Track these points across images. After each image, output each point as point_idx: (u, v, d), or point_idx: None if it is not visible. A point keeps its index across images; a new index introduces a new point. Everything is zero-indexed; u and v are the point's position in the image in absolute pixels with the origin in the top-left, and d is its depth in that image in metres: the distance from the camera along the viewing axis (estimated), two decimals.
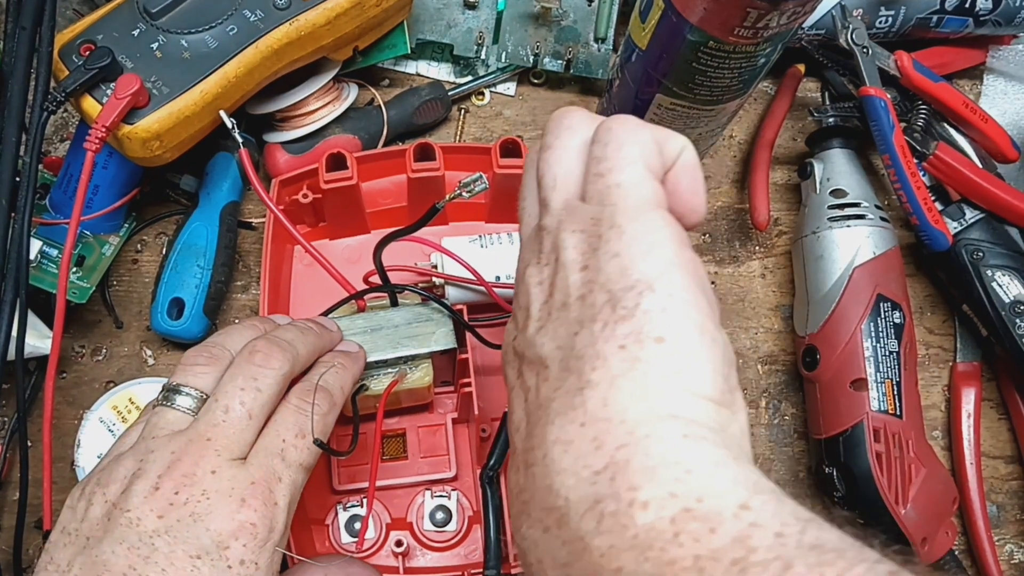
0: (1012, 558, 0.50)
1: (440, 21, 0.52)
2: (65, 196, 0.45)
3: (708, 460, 0.21)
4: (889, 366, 0.46)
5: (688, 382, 0.22)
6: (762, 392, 0.51)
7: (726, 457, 0.21)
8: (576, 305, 0.24)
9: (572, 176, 0.26)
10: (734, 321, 0.52)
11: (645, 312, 0.23)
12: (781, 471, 0.50)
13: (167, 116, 0.40)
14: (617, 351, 0.22)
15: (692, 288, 0.24)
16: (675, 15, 0.39)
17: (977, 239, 0.48)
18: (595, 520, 0.21)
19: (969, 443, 0.50)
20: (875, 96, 0.48)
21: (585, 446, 0.22)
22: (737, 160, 0.55)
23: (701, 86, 0.43)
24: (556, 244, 0.25)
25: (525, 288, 0.26)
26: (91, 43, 0.40)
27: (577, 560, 0.21)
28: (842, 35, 0.49)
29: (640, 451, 0.21)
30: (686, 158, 0.26)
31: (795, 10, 0.37)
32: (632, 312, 0.23)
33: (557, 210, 0.26)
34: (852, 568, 0.18)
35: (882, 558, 0.19)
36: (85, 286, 0.45)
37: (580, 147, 0.27)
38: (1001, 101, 0.57)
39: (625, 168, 0.25)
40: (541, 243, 0.26)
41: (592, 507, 0.21)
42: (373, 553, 0.44)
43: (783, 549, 0.19)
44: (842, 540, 0.19)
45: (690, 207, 0.27)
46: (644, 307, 0.23)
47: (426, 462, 0.45)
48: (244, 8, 0.41)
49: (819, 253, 0.49)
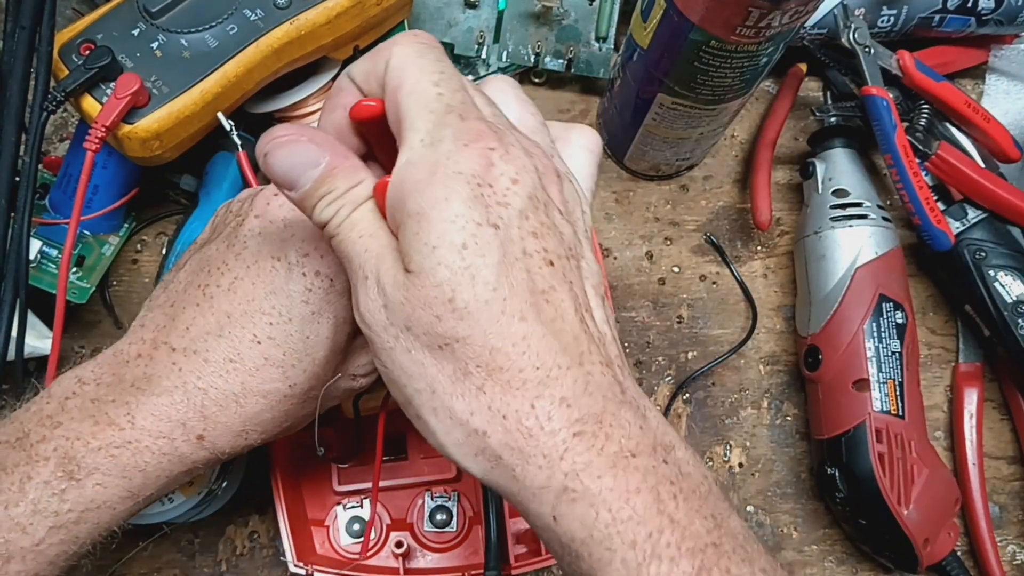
0: (1014, 559, 0.50)
1: (440, 20, 0.52)
2: (65, 196, 0.44)
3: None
4: (891, 366, 0.46)
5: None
6: (764, 392, 0.51)
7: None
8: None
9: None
10: (736, 321, 0.52)
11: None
12: (783, 472, 0.50)
13: (167, 116, 0.40)
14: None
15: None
16: (677, 15, 0.39)
17: (979, 239, 0.48)
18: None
19: (971, 444, 0.50)
20: (877, 96, 0.48)
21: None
22: (739, 160, 0.55)
23: (703, 86, 0.42)
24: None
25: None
26: (91, 42, 0.40)
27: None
28: (844, 34, 0.49)
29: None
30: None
31: (797, 9, 0.37)
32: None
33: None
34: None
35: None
36: (85, 286, 0.45)
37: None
38: (1003, 101, 0.56)
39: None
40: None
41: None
42: (374, 554, 0.44)
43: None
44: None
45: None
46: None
47: (426, 463, 0.45)
48: (244, 7, 0.41)
49: (821, 253, 0.49)
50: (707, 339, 0.52)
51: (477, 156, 0.24)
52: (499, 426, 0.23)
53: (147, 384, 0.30)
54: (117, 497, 0.29)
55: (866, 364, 0.46)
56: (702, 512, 0.23)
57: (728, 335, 0.52)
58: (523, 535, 0.43)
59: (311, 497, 0.44)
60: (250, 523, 0.46)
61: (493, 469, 0.24)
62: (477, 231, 0.23)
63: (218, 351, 0.30)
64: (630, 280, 0.52)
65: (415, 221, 0.24)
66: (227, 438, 0.30)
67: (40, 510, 0.27)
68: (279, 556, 0.43)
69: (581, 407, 0.23)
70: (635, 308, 0.52)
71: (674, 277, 0.52)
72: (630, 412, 0.24)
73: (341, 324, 0.31)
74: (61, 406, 0.29)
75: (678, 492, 0.23)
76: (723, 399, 0.51)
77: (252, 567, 0.45)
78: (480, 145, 0.24)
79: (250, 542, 0.46)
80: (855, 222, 0.48)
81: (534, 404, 0.23)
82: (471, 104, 0.25)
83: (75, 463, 0.28)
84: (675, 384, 0.51)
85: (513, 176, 0.24)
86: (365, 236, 0.25)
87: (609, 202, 0.53)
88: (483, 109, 0.26)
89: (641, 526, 0.22)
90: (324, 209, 0.26)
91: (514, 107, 0.29)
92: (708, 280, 0.53)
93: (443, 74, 0.26)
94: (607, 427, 0.23)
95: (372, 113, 0.27)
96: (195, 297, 0.31)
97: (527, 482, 0.23)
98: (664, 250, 0.53)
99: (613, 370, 0.24)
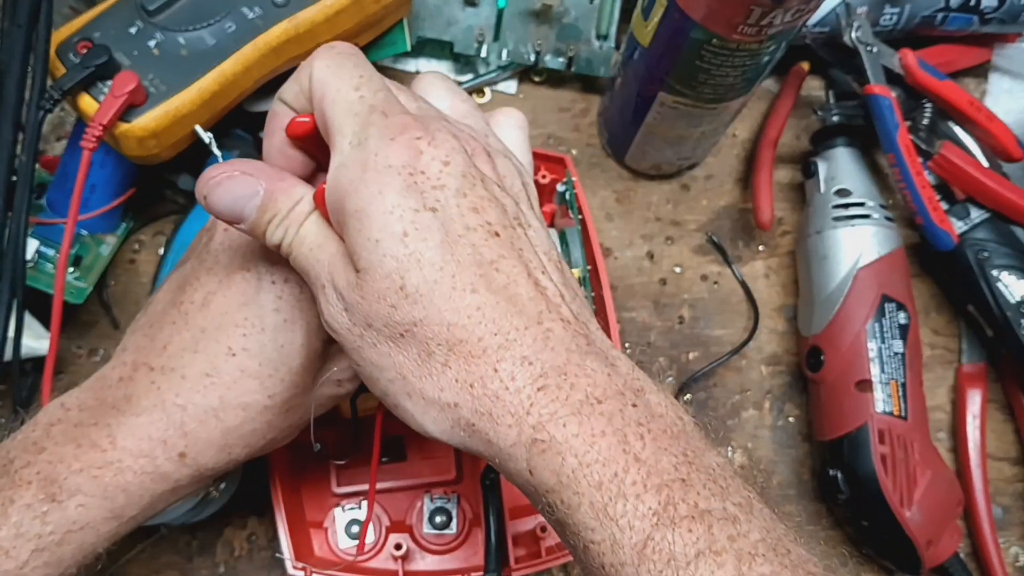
0: (1018, 560, 0.50)
1: (440, 18, 0.51)
2: (62, 195, 0.44)
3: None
4: (894, 367, 0.46)
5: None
6: (765, 393, 0.51)
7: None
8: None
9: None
10: (737, 321, 0.52)
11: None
12: (785, 473, 0.50)
13: (164, 114, 0.39)
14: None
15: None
16: (678, 13, 0.39)
17: (983, 239, 0.48)
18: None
19: (975, 445, 0.50)
20: (880, 94, 0.48)
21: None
22: (740, 159, 0.55)
23: (704, 84, 0.42)
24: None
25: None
26: (88, 41, 0.39)
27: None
28: (846, 33, 0.49)
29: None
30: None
31: (799, 8, 0.37)
32: None
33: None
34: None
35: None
36: (82, 286, 0.45)
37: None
38: (1006, 99, 0.56)
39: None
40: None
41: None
42: (372, 556, 0.43)
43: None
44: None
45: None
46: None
47: (426, 464, 0.45)
48: (242, 6, 0.41)
49: (823, 253, 0.48)
50: (708, 339, 0.51)
51: (404, 147, 0.25)
52: (467, 395, 0.24)
53: (127, 405, 0.30)
54: (100, 518, 0.29)
55: (868, 365, 0.46)
56: (672, 450, 0.23)
57: (730, 335, 0.51)
58: (523, 537, 0.43)
59: (310, 499, 0.44)
60: (248, 525, 0.46)
61: (471, 437, 0.24)
62: (415, 217, 0.24)
63: (194, 366, 0.30)
64: (631, 280, 0.52)
65: (356, 220, 0.24)
66: (210, 453, 0.31)
67: (23, 533, 0.27)
68: (277, 556, 0.42)
69: (543, 362, 0.23)
70: (636, 308, 0.51)
71: (675, 277, 0.52)
72: (596, 361, 0.24)
73: (315, 330, 0.31)
74: (46, 432, 0.29)
75: (646, 433, 0.23)
76: (725, 400, 0.51)
77: (250, 569, 0.45)
78: (406, 136, 0.25)
79: (248, 544, 0.45)
80: (857, 222, 0.48)
81: (496, 368, 0.23)
82: (394, 101, 0.26)
83: (57, 485, 0.28)
84: (676, 385, 0.50)
85: (443, 159, 0.25)
86: (315, 248, 0.27)
87: (610, 202, 0.53)
88: (408, 104, 0.27)
89: (606, 467, 0.22)
90: (274, 232, 0.27)
91: (444, 97, 0.30)
92: (709, 280, 0.52)
93: (362, 78, 0.27)
94: (572, 377, 0.23)
95: (306, 129, 0.28)
96: (172, 316, 0.32)
97: (501, 443, 0.23)
98: (665, 250, 0.53)
99: (578, 325, 0.25)
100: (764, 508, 0.23)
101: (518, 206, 0.27)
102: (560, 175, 0.47)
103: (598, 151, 0.54)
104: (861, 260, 0.47)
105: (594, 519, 0.22)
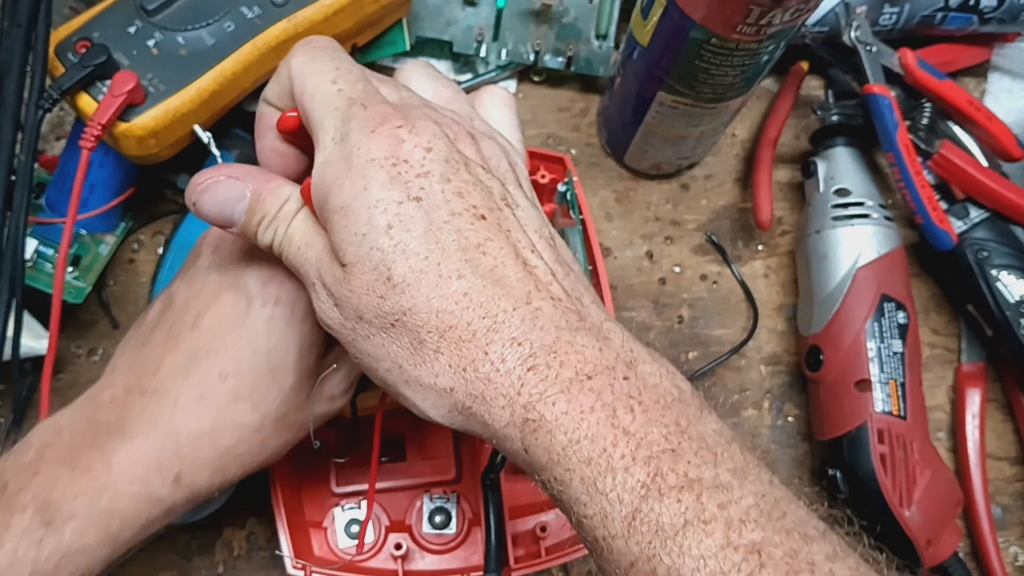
0: (1017, 560, 0.50)
1: (439, 18, 0.51)
2: (61, 195, 0.44)
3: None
4: (893, 367, 0.46)
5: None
6: (765, 393, 0.51)
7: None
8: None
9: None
10: (737, 321, 0.52)
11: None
12: (784, 473, 0.50)
13: (163, 114, 0.39)
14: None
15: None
16: (677, 12, 0.39)
17: (982, 238, 0.48)
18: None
19: (974, 444, 0.50)
20: (879, 94, 0.48)
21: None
22: (740, 159, 0.55)
23: (704, 84, 0.42)
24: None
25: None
26: (87, 40, 0.39)
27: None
28: (846, 32, 0.49)
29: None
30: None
31: (798, 7, 0.36)
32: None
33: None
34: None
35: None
36: (81, 286, 0.45)
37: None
38: (1006, 99, 0.56)
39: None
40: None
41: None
42: (372, 556, 0.43)
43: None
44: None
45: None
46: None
47: (426, 464, 0.45)
48: (241, 5, 0.41)
49: (823, 253, 0.48)
50: (708, 339, 0.51)
51: (385, 138, 0.25)
52: (461, 380, 0.24)
53: (120, 429, 0.30)
54: (96, 543, 0.29)
55: (868, 364, 0.46)
56: (663, 420, 0.23)
57: (729, 335, 0.51)
58: (523, 537, 0.43)
59: (309, 499, 0.44)
60: (248, 524, 0.46)
61: (468, 420, 0.25)
62: (399, 209, 0.24)
63: (187, 391, 0.30)
64: (630, 280, 0.52)
65: (341, 215, 0.25)
66: (204, 476, 0.31)
67: (19, 559, 0.27)
68: (277, 554, 0.42)
69: (532, 342, 0.24)
70: (635, 308, 0.51)
71: (675, 277, 0.52)
72: (588, 337, 0.24)
73: (306, 350, 0.31)
74: (40, 455, 0.29)
75: (636, 405, 0.23)
76: (724, 400, 0.50)
77: (250, 568, 0.45)
78: (387, 127, 0.25)
79: (248, 543, 0.45)
80: (857, 221, 0.48)
81: (486, 351, 0.24)
82: (373, 91, 0.26)
83: (52, 510, 0.28)
84: None
85: (426, 146, 0.25)
86: (303, 246, 0.27)
87: (609, 201, 0.53)
88: (389, 94, 0.27)
89: (595, 443, 0.22)
90: (264, 233, 0.28)
91: (427, 85, 0.30)
92: (709, 280, 0.52)
93: (339, 70, 0.27)
94: (561, 355, 0.23)
95: (296, 123, 0.28)
96: (162, 338, 0.32)
97: (496, 425, 0.24)
98: (665, 249, 0.52)
99: (569, 302, 0.25)
100: (762, 472, 0.23)
101: (505, 187, 0.27)
102: (560, 175, 0.47)
103: (597, 151, 0.54)
104: (860, 260, 0.47)
105: (585, 494, 0.22)
